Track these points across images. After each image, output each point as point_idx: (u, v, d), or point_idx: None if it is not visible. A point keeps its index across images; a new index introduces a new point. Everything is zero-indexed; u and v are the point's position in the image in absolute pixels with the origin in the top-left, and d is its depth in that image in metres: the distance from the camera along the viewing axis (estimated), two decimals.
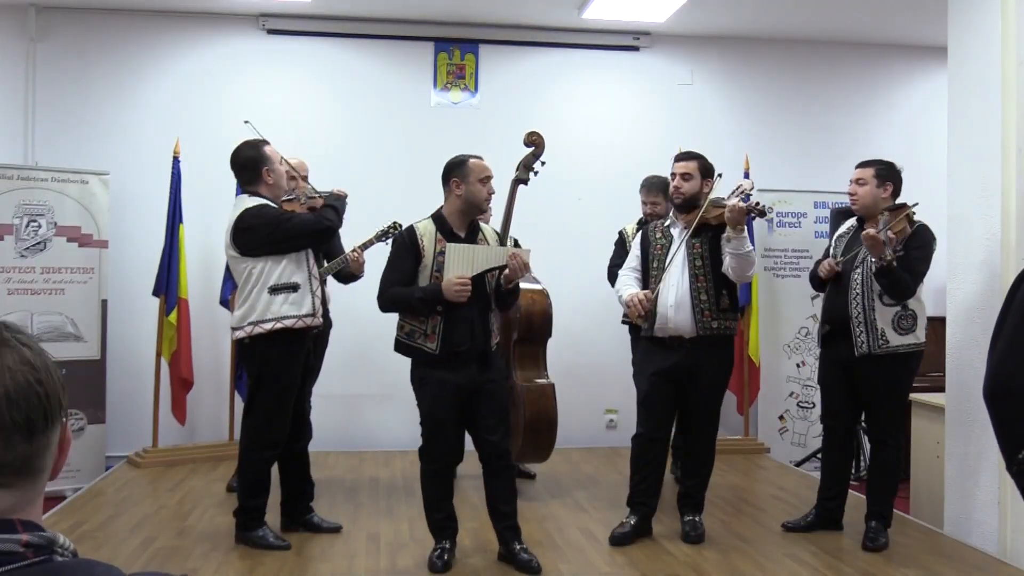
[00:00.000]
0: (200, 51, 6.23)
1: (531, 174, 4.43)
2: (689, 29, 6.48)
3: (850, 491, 4.42)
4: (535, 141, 4.27)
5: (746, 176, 6.08)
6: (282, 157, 4.11)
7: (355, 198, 4.56)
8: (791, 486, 5.23)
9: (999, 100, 4.07)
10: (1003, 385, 1.65)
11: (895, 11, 6.06)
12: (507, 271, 3.68)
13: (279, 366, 3.89)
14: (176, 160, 5.59)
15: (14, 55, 6.01)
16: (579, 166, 6.40)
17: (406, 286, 3.67)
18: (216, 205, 4.34)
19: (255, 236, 3.84)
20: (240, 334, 3.89)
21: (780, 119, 6.74)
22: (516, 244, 5.12)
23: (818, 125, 6.76)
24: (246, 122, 4.17)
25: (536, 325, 4.85)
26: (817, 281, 4.27)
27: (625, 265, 4.28)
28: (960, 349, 4.33)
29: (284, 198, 4.12)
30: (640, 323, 4.07)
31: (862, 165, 4.20)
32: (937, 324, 5.06)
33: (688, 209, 4.08)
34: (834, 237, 4.40)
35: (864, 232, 3.87)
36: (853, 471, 5.64)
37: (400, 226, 4.63)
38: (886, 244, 3.77)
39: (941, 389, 4.69)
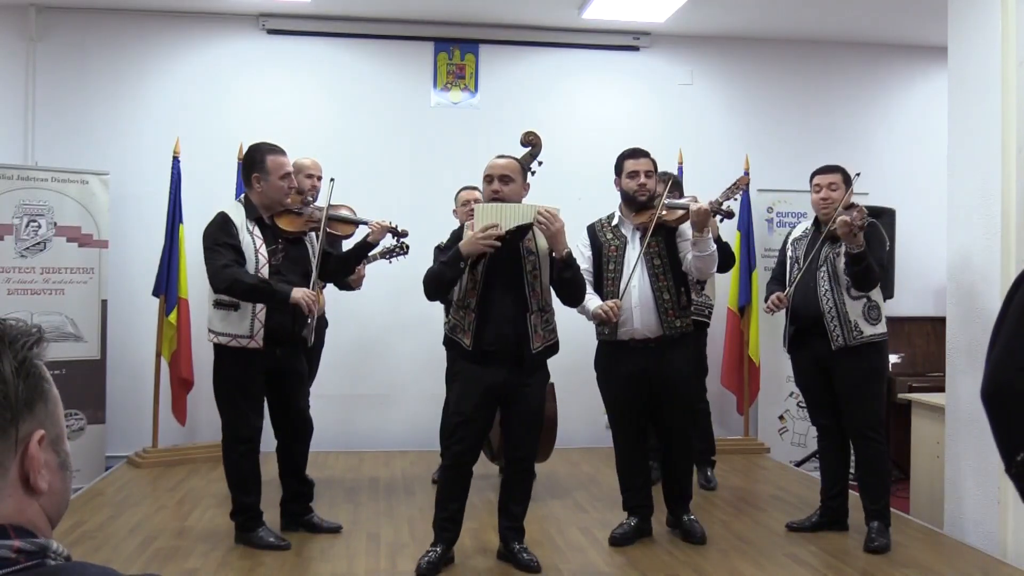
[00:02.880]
0: (200, 51, 6.23)
1: (529, 174, 4.43)
2: (689, 29, 6.48)
3: (850, 491, 4.41)
4: (532, 141, 4.28)
5: (745, 175, 6.09)
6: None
7: (355, 198, 4.56)
8: (791, 486, 5.23)
9: (999, 100, 4.07)
10: (1001, 387, 1.64)
11: (895, 11, 6.06)
12: (544, 234, 3.59)
13: (228, 369, 3.93)
14: (176, 160, 5.59)
15: (14, 55, 6.02)
16: (579, 166, 6.40)
17: None
18: (216, 205, 4.35)
19: (202, 240, 3.95)
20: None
21: (780, 119, 6.74)
22: None
23: (818, 125, 6.76)
24: (332, 180, 4.08)
25: None
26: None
27: None
28: (960, 349, 4.33)
29: (298, 210, 4.10)
30: (603, 328, 4.02)
31: (828, 171, 4.25)
32: (937, 324, 5.06)
33: (640, 208, 4.02)
34: (790, 241, 4.40)
35: (840, 219, 3.90)
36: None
37: (406, 246, 4.53)
38: (860, 231, 3.85)
39: (941, 389, 4.69)
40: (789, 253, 4.34)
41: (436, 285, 3.71)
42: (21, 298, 5.42)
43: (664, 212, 3.95)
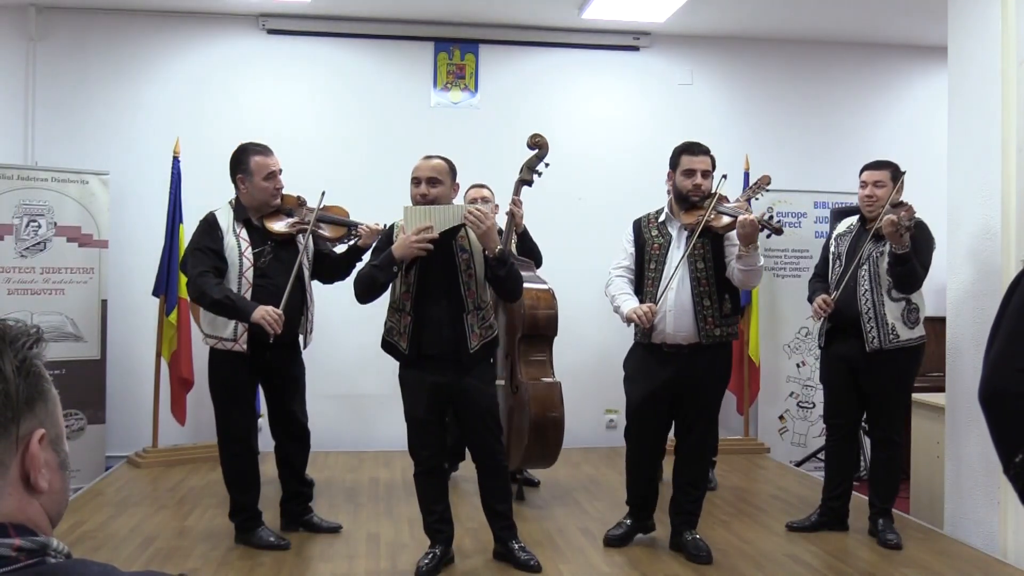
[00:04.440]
0: (200, 51, 6.23)
1: (535, 175, 4.42)
2: (689, 29, 6.48)
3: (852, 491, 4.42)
4: (539, 143, 4.25)
5: (746, 175, 6.09)
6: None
7: (354, 198, 4.56)
8: (791, 486, 5.23)
9: (999, 100, 4.07)
10: (998, 388, 1.64)
11: (895, 11, 6.06)
12: (475, 234, 3.54)
13: (218, 371, 3.96)
14: (176, 160, 5.59)
15: (14, 55, 6.01)
16: (579, 166, 6.40)
17: None
18: (216, 205, 4.37)
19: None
20: None
21: (780, 119, 6.74)
22: (529, 234, 5.07)
23: (818, 125, 6.76)
24: (323, 192, 3.97)
25: (541, 324, 4.72)
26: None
27: (616, 263, 3.99)
28: (960, 349, 4.33)
29: (288, 212, 4.05)
30: (639, 329, 3.87)
31: (876, 167, 4.18)
32: (937, 324, 5.06)
33: (691, 207, 3.83)
34: (833, 236, 4.35)
35: (888, 218, 3.82)
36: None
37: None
38: (907, 232, 3.79)
39: (941, 389, 4.69)
40: (832, 249, 4.26)
41: (367, 289, 3.62)
42: (21, 298, 5.42)
43: (712, 216, 3.73)
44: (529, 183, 4.42)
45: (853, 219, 4.33)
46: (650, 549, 4.01)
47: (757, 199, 5.27)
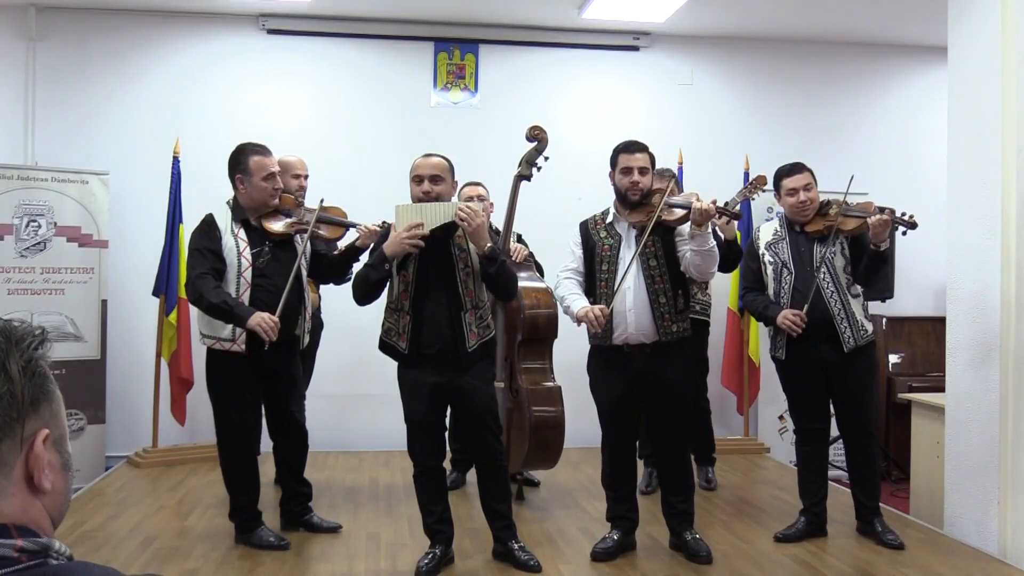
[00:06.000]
0: (200, 51, 6.23)
1: (534, 170, 4.36)
2: (689, 29, 6.49)
3: (842, 491, 4.41)
4: (538, 136, 4.18)
5: (746, 175, 6.08)
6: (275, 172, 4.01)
7: (354, 198, 4.56)
8: (791, 486, 5.21)
9: (999, 100, 4.07)
10: None
11: (894, 11, 6.06)
12: (466, 231, 3.55)
13: (216, 371, 3.96)
14: (176, 160, 5.59)
15: (14, 55, 6.02)
16: (579, 166, 6.39)
17: None
18: (216, 205, 4.36)
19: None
20: None
21: (780, 119, 6.74)
22: (520, 239, 5.08)
23: (818, 125, 6.76)
24: (321, 200, 3.98)
25: (541, 326, 4.64)
26: (767, 319, 4.17)
27: (564, 266, 3.93)
28: (960, 349, 4.33)
29: (287, 212, 4.06)
30: (596, 332, 3.83)
31: (798, 171, 4.12)
32: (937, 324, 5.06)
33: (636, 205, 3.80)
34: (763, 245, 4.19)
35: (878, 218, 3.82)
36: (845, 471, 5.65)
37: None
38: (910, 228, 3.87)
39: (941, 389, 4.69)
40: (768, 259, 4.16)
41: (362, 289, 3.63)
42: (21, 298, 5.43)
43: (664, 211, 3.75)
44: (528, 178, 4.37)
45: (774, 224, 4.25)
46: (650, 549, 4.01)
47: (754, 199, 5.27)
